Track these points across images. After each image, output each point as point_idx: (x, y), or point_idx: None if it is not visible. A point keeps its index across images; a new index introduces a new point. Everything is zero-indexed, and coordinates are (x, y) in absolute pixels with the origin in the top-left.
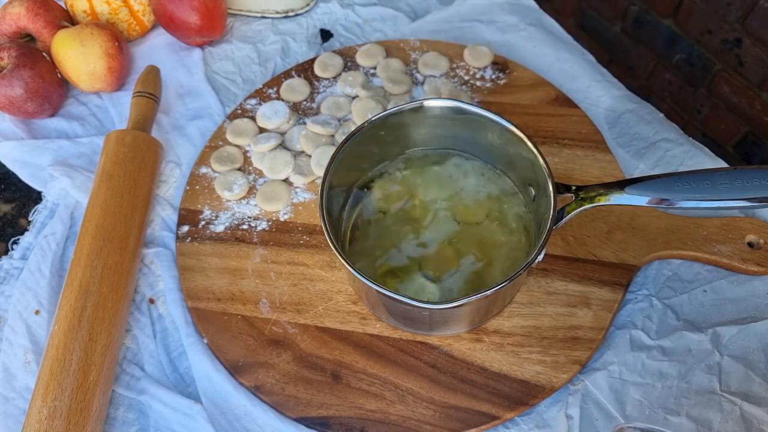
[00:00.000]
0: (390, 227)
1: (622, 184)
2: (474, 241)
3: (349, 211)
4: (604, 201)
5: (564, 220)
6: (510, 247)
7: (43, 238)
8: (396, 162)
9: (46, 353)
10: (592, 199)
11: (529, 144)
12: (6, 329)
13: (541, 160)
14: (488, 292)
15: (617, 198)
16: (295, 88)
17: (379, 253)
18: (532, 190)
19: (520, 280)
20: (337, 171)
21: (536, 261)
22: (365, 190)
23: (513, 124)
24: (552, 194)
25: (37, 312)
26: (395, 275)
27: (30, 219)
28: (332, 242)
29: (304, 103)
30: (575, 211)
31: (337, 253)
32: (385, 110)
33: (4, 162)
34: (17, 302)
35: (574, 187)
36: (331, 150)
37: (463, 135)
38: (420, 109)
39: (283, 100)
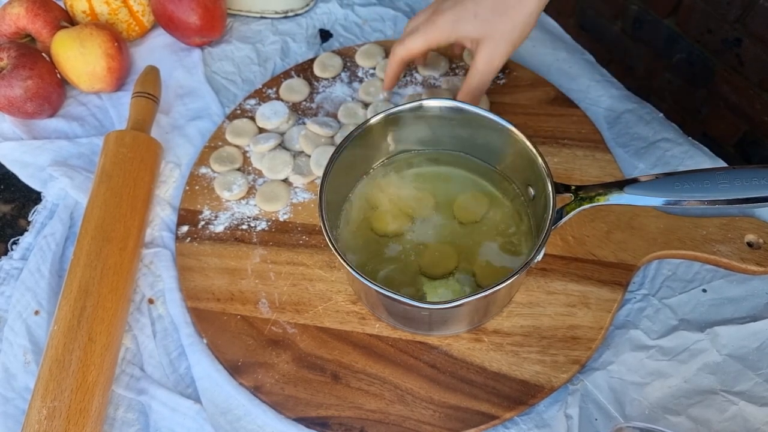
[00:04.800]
0: (389, 227)
1: (621, 184)
2: (473, 241)
3: (348, 211)
4: (603, 201)
5: (563, 219)
6: (509, 247)
7: (42, 239)
8: (395, 162)
9: (46, 353)
10: (591, 199)
11: (529, 144)
12: (6, 329)
13: (540, 160)
14: (487, 292)
15: (616, 198)
16: (295, 89)
17: (377, 252)
18: (532, 190)
19: (519, 280)
20: (336, 171)
21: (535, 261)
22: (364, 189)
23: (512, 124)
24: (551, 194)
25: (36, 312)
26: (394, 275)
27: (30, 219)
28: (332, 242)
29: (304, 103)
30: (574, 211)
31: (336, 254)
32: (385, 110)
33: (4, 162)
34: (17, 302)
35: (573, 187)
36: (331, 150)
37: (462, 135)
38: (419, 109)
39: (282, 100)
